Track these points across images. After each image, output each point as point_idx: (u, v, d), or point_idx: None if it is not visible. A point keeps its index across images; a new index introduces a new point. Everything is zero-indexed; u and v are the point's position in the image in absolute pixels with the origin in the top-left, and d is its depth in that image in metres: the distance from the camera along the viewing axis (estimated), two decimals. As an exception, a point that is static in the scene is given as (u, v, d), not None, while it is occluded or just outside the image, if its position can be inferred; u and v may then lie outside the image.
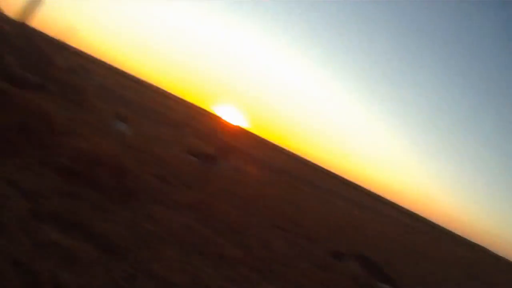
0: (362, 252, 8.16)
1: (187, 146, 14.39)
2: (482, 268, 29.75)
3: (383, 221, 29.68)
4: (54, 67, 18.71)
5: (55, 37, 24.21)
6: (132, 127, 12.08)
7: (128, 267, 4.30)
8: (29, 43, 14.29)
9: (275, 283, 5.87)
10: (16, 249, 3.72)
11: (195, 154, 11.21)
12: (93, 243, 4.42)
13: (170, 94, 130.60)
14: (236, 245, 6.64)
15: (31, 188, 4.96)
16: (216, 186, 10.56)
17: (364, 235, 15.29)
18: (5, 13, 19.60)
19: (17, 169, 5.32)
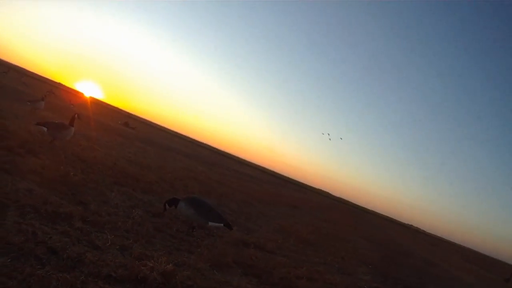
0: (196, 196, 8.32)
1: (39, 119, 13.76)
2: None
3: (224, 173, 30.30)
4: None
5: None
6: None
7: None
8: None
9: (110, 232, 6.02)
10: None
11: (43, 124, 10.80)
12: None
13: (31, 73, 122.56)
14: (73, 203, 6.70)
15: None
16: (62, 153, 10.33)
17: (203, 183, 15.62)
18: None
19: None
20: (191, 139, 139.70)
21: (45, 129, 10.78)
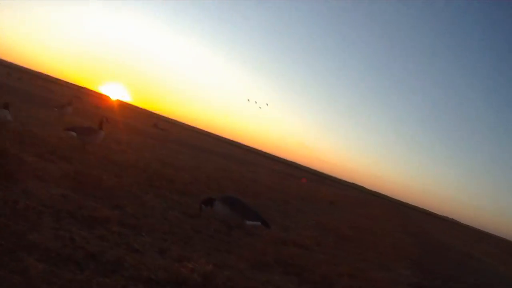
0: (232, 195, 8.31)
1: (67, 124, 13.88)
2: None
3: (258, 171, 30.23)
4: None
5: None
6: (13, 112, 11.54)
7: (6, 242, 4.25)
8: None
9: (148, 234, 5.99)
10: None
11: (73, 129, 10.89)
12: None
13: (55, 79, 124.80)
14: (109, 207, 6.69)
15: None
16: (93, 157, 10.38)
17: (238, 182, 15.58)
18: None
19: None
20: (222, 138, 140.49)
21: (74, 134, 10.85)
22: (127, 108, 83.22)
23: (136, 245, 5.35)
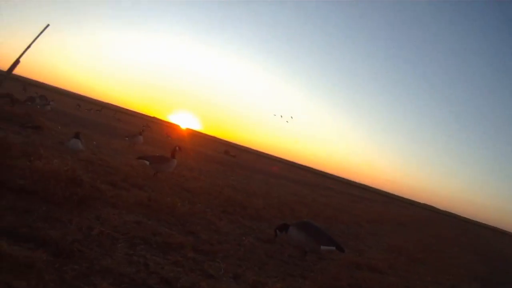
0: (306, 221, 8.17)
1: (138, 153, 14.17)
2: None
3: (329, 194, 29.89)
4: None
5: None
6: (85, 142, 11.88)
7: (80, 266, 4.23)
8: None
9: (222, 260, 5.89)
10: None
11: (145, 158, 11.06)
12: (46, 250, 4.32)
13: (125, 109, 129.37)
14: (183, 233, 6.64)
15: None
16: (166, 184, 10.47)
17: (310, 207, 15.39)
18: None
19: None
20: (292, 162, 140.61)
21: (147, 162, 10.99)
22: (196, 136, 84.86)
23: (211, 271, 5.23)
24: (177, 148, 11.79)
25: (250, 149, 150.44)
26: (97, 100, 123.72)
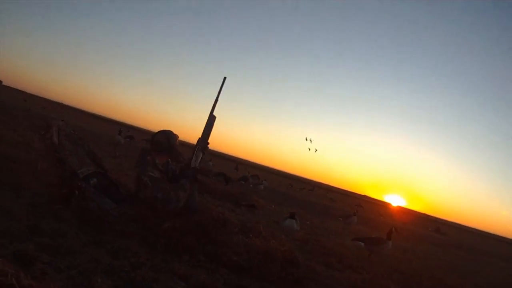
0: None
1: (353, 234, 14.13)
2: None
3: None
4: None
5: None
6: (300, 222, 12.19)
7: None
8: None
9: None
10: None
11: (360, 239, 10.98)
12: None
13: (336, 188, 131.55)
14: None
15: (202, 282, 5.02)
16: (380, 266, 10.20)
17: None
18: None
19: (189, 265, 5.46)
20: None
21: (362, 244, 10.89)
22: (406, 213, 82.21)
23: None
24: (393, 229, 11.47)
25: (466, 226, 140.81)
26: (309, 179, 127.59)
